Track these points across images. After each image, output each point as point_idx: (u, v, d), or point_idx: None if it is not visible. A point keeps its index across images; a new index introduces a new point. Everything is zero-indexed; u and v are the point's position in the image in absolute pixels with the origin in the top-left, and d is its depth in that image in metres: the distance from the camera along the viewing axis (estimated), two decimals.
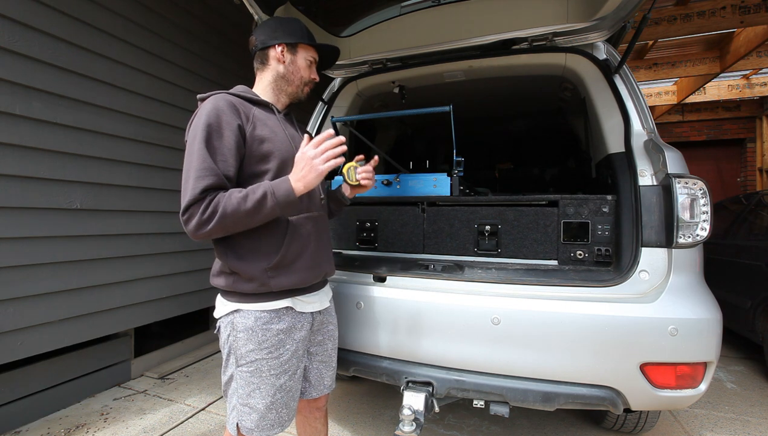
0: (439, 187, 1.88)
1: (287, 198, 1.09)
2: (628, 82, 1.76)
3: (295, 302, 1.25)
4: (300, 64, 1.33)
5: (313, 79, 1.38)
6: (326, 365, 1.42)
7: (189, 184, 1.06)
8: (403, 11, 2.23)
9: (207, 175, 1.06)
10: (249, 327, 1.18)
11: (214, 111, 1.13)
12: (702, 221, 1.38)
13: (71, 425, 2.27)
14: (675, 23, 4.21)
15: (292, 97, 1.36)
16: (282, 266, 1.20)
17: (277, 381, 1.20)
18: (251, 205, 1.05)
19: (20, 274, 2.18)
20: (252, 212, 1.07)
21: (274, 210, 1.09)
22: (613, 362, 1.37)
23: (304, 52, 1.34)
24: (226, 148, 1.11)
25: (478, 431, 2.19)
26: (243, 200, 1.05)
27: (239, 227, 1.10)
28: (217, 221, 1.04)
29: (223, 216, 1.04)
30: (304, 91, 1.37)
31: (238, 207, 1.05)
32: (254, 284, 1.17)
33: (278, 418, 1.22)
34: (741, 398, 2.66)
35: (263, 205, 1.07)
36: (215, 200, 1.05)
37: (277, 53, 1.30)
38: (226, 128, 1.12)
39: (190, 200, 1.04)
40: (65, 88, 2.37)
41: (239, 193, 1.07)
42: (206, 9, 3.41)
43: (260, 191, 1.07)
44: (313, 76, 1.37)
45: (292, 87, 1.34)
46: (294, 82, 1.34)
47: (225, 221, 1.05)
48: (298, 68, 1.33)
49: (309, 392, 1.39)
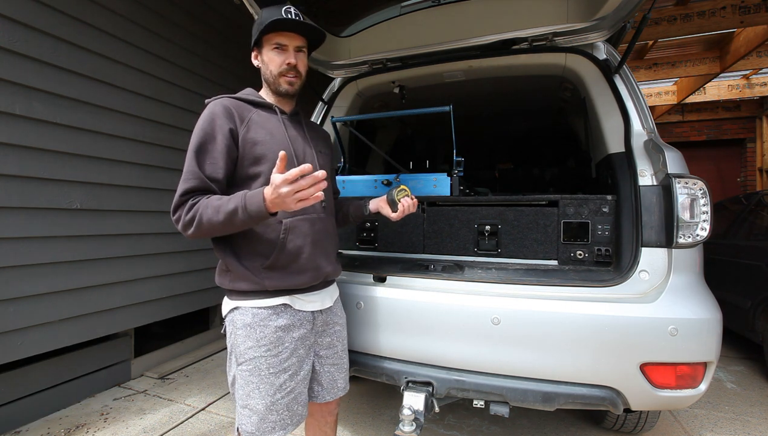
0: (439, 187, 1.88)
1: (259, 214, 1.03)
2: (628, 82, 1.76)
3: (293, 300, 1.25)
4: (267, 59, 1.26)
5: (287, 65, 1.25)
6: (338, 368, 1.40)
7: (178, 188, 1.12)
8: (403, 11, 2.22)
9: (189, 179, 1.11)
10: (247, 324, 1.19)
11: (209, 116, 1.18)
12: (702, 221, 1.38)
13: (71, 425, 2.27)
14: (675, 23, 4.20)
15: (277, 93, 1.30)
16: (276, 267, 1.20)
17: (277, 380, 1.19)
18: (223, 216, 1.05)
19: (20, 274, 2.18)
20: (225, 223, 1.05)
21: (247, 223, 1.07)
22: (613, 362, 1.37)
23: (266, 43, 1.25)
24: (217, 151, 1.15)
25: (478, 431, 2.19)
26: (216, 212, 1.05)
27: (219, 233, 1.12)
28: (196, 227, 1.08)
29: (200, 223, 1.08)
30: (282, 84, 1.27)
31: (212, 217, 1.06)
32: (248, 283, 1.19)
33: (280, 420, 1.19)
34: (741, 398, 2.66)
35: (234, 217, 1.04)
36: (196, 205, 1.09)
37: (254, 60, 1.33)
38: (218, 132, 1.16)
39: (174, 203, 1.11)
40: (65, 88, 2.37)
41: (217, 201, 1.07)
42: (206, 9, 3.41)
43: (232, 204, 1.04)
44: (288, 61, 1.25)
45: (271, 85, 1.30)
46: (268, 79, 1.29)
47: (202, 228, 1.08)
48: (267, 64, 1.27)
49: (322, 396, 1.37)
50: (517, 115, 3.37)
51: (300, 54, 1.29)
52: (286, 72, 1.26)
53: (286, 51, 1.25)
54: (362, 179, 2.07)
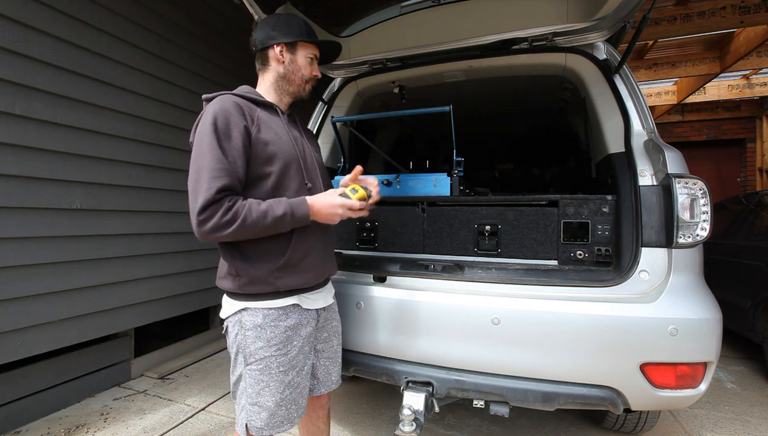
0: (439, 187, 1.87)
1: (303, 221, 1.17)
2: (628, 82, 1.76)
3: (301, 300, 1.27)
4: (300, 63, 1.31)
5: (314, 76, 1.35)
6: (333, 362, 1.44)
7: (203, 184, 1.05)
8: (403, 11, 2.22)
9: (222, 176, 1.06)
10: (258, 325, 1.19)
11: (222, 112, 1.13)
12: (702, 221, 1.38)
13: (71, 425, 2.27)
14: (675, 23, 4.20)
15: (294, 96, 1.35)
16: (288, 266, 1.21)
17: (286, 378, 1.22)
18: (270, 221, 1.11)
19: (20, 274, 2.18)
20: (270, 227, 1.12)
21: (287, 227, 1.16)
22: (613, 362, 1.37)
23: (303, 50, 1.31)
24: (235, 149, 1.12)
25: (478, 431, 2.19)
26: (263, 216, 1.10)
27: (251, 236, 1.14)
28: (236, 229, 1.06)
29: (242, 226, 1.07)
30: (306, 90, 1.36)
31: (258, 221, 1.09)
32: (261, 285, 1.19)
33: (287, 414, 1.23)
34: (741, 398, 2.66)
35: (281, 222, 1.13)
36: (235, 207, 1.07)
37: (275, 54, 1.28)
38: (234, 130, 1.13)
39: (207, 200, 1.04)
40: (65, 88, 2.37)
41: (259, 206, 1.10)
42: (206, 9, 3.41)
43: (281, 210, 1.12)
44: (315, 73, 1.35)
45: (294, 86, 1.32)
46: (295, 81, 1.32)
47: (242, 230, 1.08)
48: (299, 67, 1.31)
49: (318, 389, 1.41)
50: (517, 115, 3.37)
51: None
52: (313, 81, 1.37)
53: (314, 62, 1.36)
54: None
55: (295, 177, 1.25)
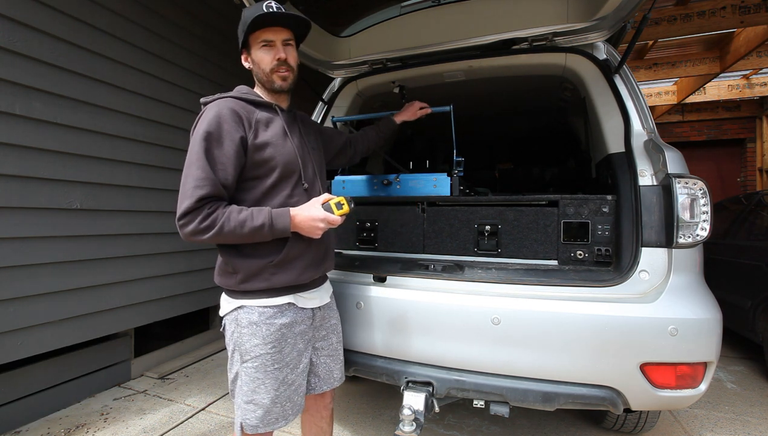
0: (439, 187, 1.88)
1: (283, 232, 1.16)
2: (628, 82, 1.76)
3: (296, 299, 1.27)
4: (257, 58, 1.25)
5: (278, 60, 1.24)
6: (333, 359, 1.44)
7: (187, 191, 1.09)
8: (403, 11, 2.22)
9: (204, 185, 1.09)
10: (253, 322, 1.20)
11: (216, 119, 1.14)
12: (702, 221, 1.38)
13: (71, 425, 2.27)
14: (675, 23, 4.20)
15: (272, 90, 1.29)
16: (284, 263, 1.22)
17: (280, 375, 1.23)
18: (248, 230, 1.11)
19: (20, 274, 2.18)
20: (247, 236, 1.13)
21: (267, 237, 1.16)
22: (613, 362, 1.37)
23: (254, 42, 1.25)
24: (225, 156, 1.13)
25: (478, 431, 2.19)
26: (241, 225, 1.10)
27: (233, 242, 1.16)
28: (213, 235, 1.09)
29: (219, 233, 1.09)
30: (275, 80, 1.26)
31: (235, 230, 1.10)
32: (257, 281, 1.20)
33: (282, 411, 1.24)
34: (741, 398, 2.66)
35: (260, 233, 1.13)
36: (214, 214, 1.09)
37: (244, 63, 1.33)
38: (226, 138, 1.14)
39: (187, 208, 1.08)
40: (65, 88, 2.37)
41: (238, 214, 1.11)
42: (206, 9, 3.41)
43: (259, 220, 1.12)
44: (278, 56, 1.24)
45: (265, 83, 1.29)
46: (262, 79, 1.28)
47: (219, 237, 1.10)
48: (258, 63, 1.26)
49: (320, 387, 1.41)
50: (517, 115, 3.37)
51: (288, 47, 1.28)
52: (278, 67, 1.25)
53: (274, 47, 1.24)
54: (362, 179, 2.07)
55: (291, 178, 1.25)
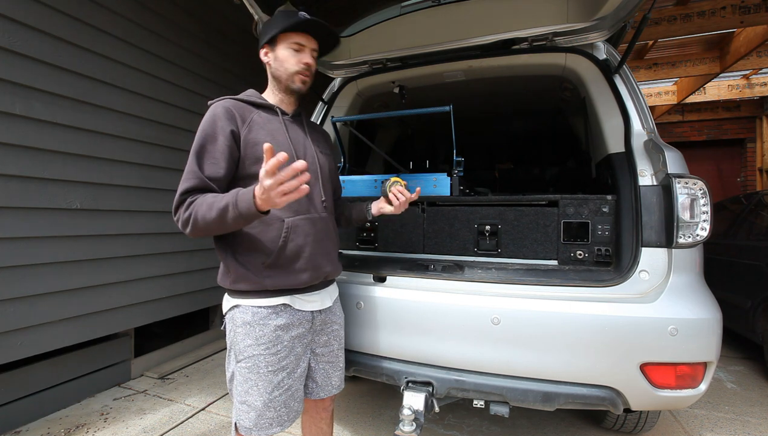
0: (439, 187, 1.88)
1: (248, 211, 1.01)
2: (628, 82, 1.76)
3: (293, 300, 1.26)
4: (282, 56, 1.27)
5: (304, 64, 1.27)
6: (333, 366, 1.42)
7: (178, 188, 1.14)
8: (403, 11, 2.22)
9: (189, 179, 1.12)
10: (247, 322, 1.20)
11: (211, 118, 1.19)
12: (702, 221, 1.38)
13: (71, 425, 2.27)
14: (675, 23, 4.20)
15: (287, 91, 1.31)
16: (277, 266, 1.21)
17: (275, 378, 1.21)
18: (216, 213, 1.05)
19: (20, 274, 2.18)
20: (218, 220, 1.05)
21: (238, 221, 1.05)
22: (613, 362, 1.37)
23: (284, 42, 1.26)
24: (218, 151, 1.16)
25: (478, 431, 2.19)
26: (209, 209, 1.06)
27: (215, 231, 1.13)
28: (192, 225, 1.09)
29: (195, 221, 1.08)
30: (296, 81, 1.28)
31: (205, 214, 1.07)
32: (248, 283, 1.20)
33: (277, 417, 1.22)
34: (741, 398, 2.66)
35: (226, 214, 1.04)
36: (193, 204, 1.10)
37: (263, 57, 1.32)
38: (219, 133, 1.17)
39: (175, 203, 1.12)
40: (65, 88, 2.37)
41: (211, 198, 1.08)
42: (206, 9, 3.41)
43: (224, 201, 1.04)
44: (305, 61, 1.27)
45: (282, 83, 1.30)
46: (281, 76, 1.29)
47: (198, 226, 1.08)
48: (281, 62, 1.27)
49: (316, 393, 1.39)
50: (517, 115, 3.37)
51: (313, 57, 1.32)
52: (303, 71, 1.28)
53: (303, 51, 1.28)
54: (362, 179, 2.07)
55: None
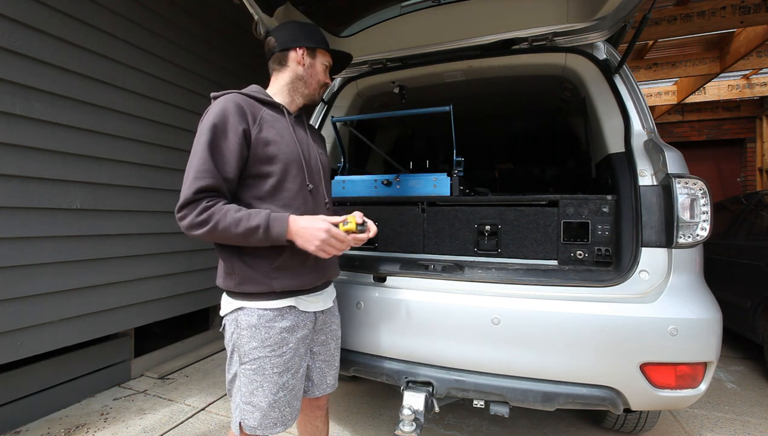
0: (439, 187, 1.88)
1: (278, 239, 1.11)
2: (628, 82, 1.76)
3: (298, 302, 1.26)
4: (318, 68, 1.38)
5: (327, 82, 1.43)
6: (329, 365, 1.43)
7: (187, 182, 1.09)
8: (403, 11, 2.22)
9: (204, 177, 1.08)
10: (252, 325, 1.19)
11: (222, 112, 1.15)
12: (702, 221, 1.38)
13: (71, 425, 2.27)
14: (675, 23, 4.20)
15: (308, 98, 1.41)
16: (285, 267, 1.21)
17: (280, 379, 1.22)
18: (242, 230, 1.08)
19: (20, 274, 2.18)
20: (241, 237, 1.10)
21: (261, 242, 1.11)
22: (613, 362, 1.37)
23: (321, 57, 1.39)
24: (229, 150, 1.13)
25: (478, 431, 2.19)
26: (236, 224, 1.08)
27: (227, 242, 1.14)
28: (207, 231, 1.08)
29: (214, 229, 1.07)
30: (320, 93, 1.43)
31: (229, 228, 1.08)
32: (255, 285, 1.19)
33: (281, 416, 1.23)
34: (741, 398, 2.66)
35: (254, 235, 1.09)
36: (212, 209, 1.08)
37: (297, 56, 1.33)
38: (230, 131, 1.14)
39: (185, 200, 1.07)
40: (65, 88, 2.37)
41: (237, 212, 1.09)
42: (206, 9, 3.41)
43: (255, 222, 1.09)
44: (327, 80, 1.43)
45: (310, 89, 1.39)
46: (311, 84, 1.38)
47: (215, 234, 1.09)
48: (316, 72, 1.38)
49: (312, 391, 1.40)
50: (517, 115, 3.37)
51: None
52: (323, 86, 1.43)
53: (327, 70, 1.44)
54: (362, 179, 2.07)
55: (296, 178, 1.25)
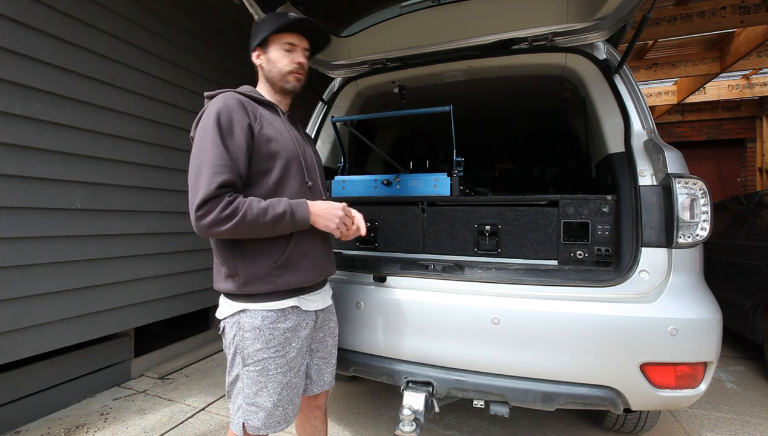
0: (439, 187, 1.88)
1: (303, 223, 1.18)
2: (628, 82, 1.76)
3: (300, 301, 1.26)
4: (274, 57, 1.28)
5: (297, 64, 1.29)
6: (326, 362, 1.43)
7: (203, 179, 1.05)
8: (403, 11, 2.22)
9: (223, 172, 1.07)
10: (256, 326, 1.19)
11: (225, 109, 1.14)
12: (702, 221, 1.38)
13: (71, 425, 2.27)
14: (675, 23, 4.20)
15: (281, 91, 1.32)
16: (288, 265, 1.21)
17: (284, 379, 1.22)
18: (270, 218, 1.10)
19: (20, 274, 2.18)
20: (269, 225, 1.12)
21: (287, 228, 1.17)
22: (613, 362, 1.37)
23: (276, 43, 1.28)
24: (237, 146, 1.13)
25: (478, 431, 2.19)
26: (263, 213, 1.10)
27: (250, 234, 1.13)
28: (235, 224, 1.06)
29: (242, 221, 1.06)
30: (290, 81, 1.30)
31: (257, 218, 1.08)
32: (260, 284, 1.18)
33: (284, 414, 1.24)
34: (741, 398, 2.66)
35: (281, 221, 1.13)
36: (236, 202, 1.07)
37: (255, 58, 1.32)
38: (236, 126, 1.14)
39: (206, 195, 1.04)
40: (65, 88, 2.37)
41: (259, 203, 1.10)
42: (206, 9, 3.41)
43: (281, 208, 1.13)
44: (297, 60, 1.29)
45: (276, 83, 1.31)
46: (274, 77, 1.30)
47: (242, 227, 1.07)
48: (274, 62, 1.28)
49: (310, 389, 1.40)
50: (517, 115, 3.37)
51: (305, 56, 1.33)
52: (297, 70, 1.30)
53: (295, 51, 1.30)
54: (362, 179, 2.07)
55: (296, 175, 1.25)
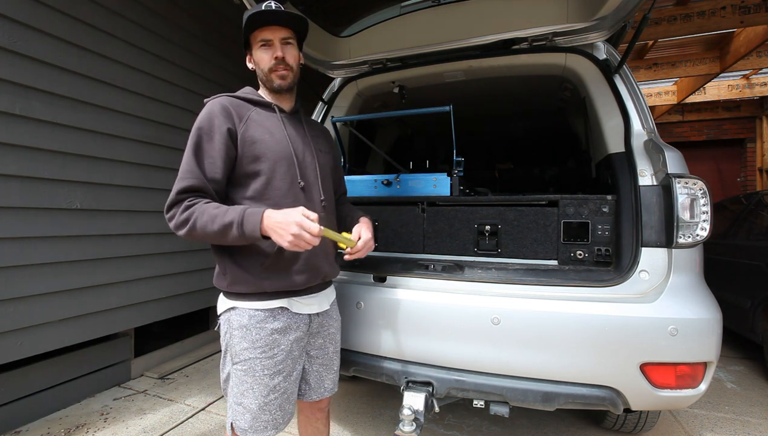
0: (439, 187, 1.88)
1: (252, 234, 1.05)
2: (628, 82, 1.76)
3: (291, 303, 1.25)
4: (257, 58, 1.27)
5: (275, 59, 1.24)
6: (327, 369, 1.40)
7: (174, 186, 1.13)
8: (403, 11, 2.23)
9: (186, 178, 1.11)
10: (243, 325, 1.19)
11: (207, 115, 1.18)
12: (702, 221, 1.38)
13: (71, 425, 2.27)
14: (675, 23, 4.20)
15: (273, 90, 1.30)
16: (275, 267, 1.20)
17: (271, 382, 1.20)
18: (218, 227, 1.06)
19: (20, 274, 2.18)
20: (218, 234, 1.07)
21: (239, 240, 1.07)
22: (613, 362, 1.37)
23: (254, 43, 1.26)
24: (215, 150, 1.15)
25: (478, 431, 2.19)
26: (212, 221, 1.06)
27: (211, 241, 1.14)
28: (188, 230, 1.09)
29: (194, 227, 1.08)
30: (274, 80, 1.27)
31: (206, 225, 1.07)
32: (246, 285, 1.19)
33: (272, 419, 1.21)
34: (741, 398, 2.66)
35: (229, 231, 1.06)
36: (192, 208, 1.09)
37: (248, 63, 1.33)
38: (216, 132, 1.16)
39: (170, 202, 1.11)
40: (65, 88, 2.37)
41: (214, 209, 1.08)
42: (206, 9, 3.41)
43: (229, 218, 1.06)
44: (275, 55, 1.24)
45: (265, 82, 1.30)
46: (263, 79, 1.30)
47: (195, 232, 1.08)
48: (258, 63, 1.28)
49: (309, 395, 1.38)
50: (517, 115, 3.37)
51: (288, 46, 1.27)
52: (276, 66, 1.25)
53: (272, 46, 1.25)
54: (362, 179, 2.07)
55: (285, 175, 1.23)
